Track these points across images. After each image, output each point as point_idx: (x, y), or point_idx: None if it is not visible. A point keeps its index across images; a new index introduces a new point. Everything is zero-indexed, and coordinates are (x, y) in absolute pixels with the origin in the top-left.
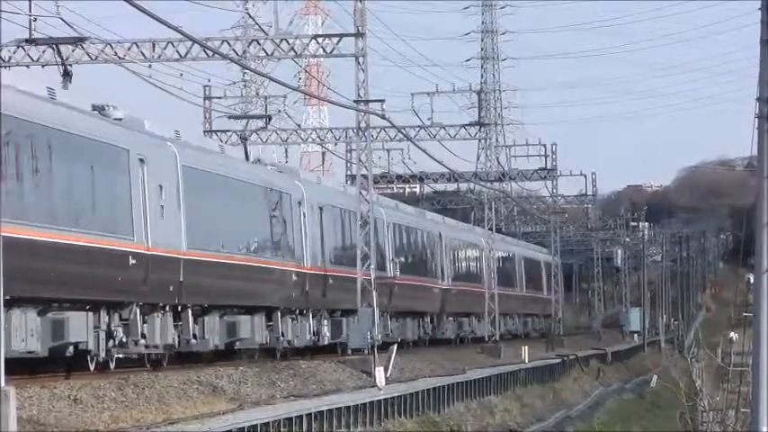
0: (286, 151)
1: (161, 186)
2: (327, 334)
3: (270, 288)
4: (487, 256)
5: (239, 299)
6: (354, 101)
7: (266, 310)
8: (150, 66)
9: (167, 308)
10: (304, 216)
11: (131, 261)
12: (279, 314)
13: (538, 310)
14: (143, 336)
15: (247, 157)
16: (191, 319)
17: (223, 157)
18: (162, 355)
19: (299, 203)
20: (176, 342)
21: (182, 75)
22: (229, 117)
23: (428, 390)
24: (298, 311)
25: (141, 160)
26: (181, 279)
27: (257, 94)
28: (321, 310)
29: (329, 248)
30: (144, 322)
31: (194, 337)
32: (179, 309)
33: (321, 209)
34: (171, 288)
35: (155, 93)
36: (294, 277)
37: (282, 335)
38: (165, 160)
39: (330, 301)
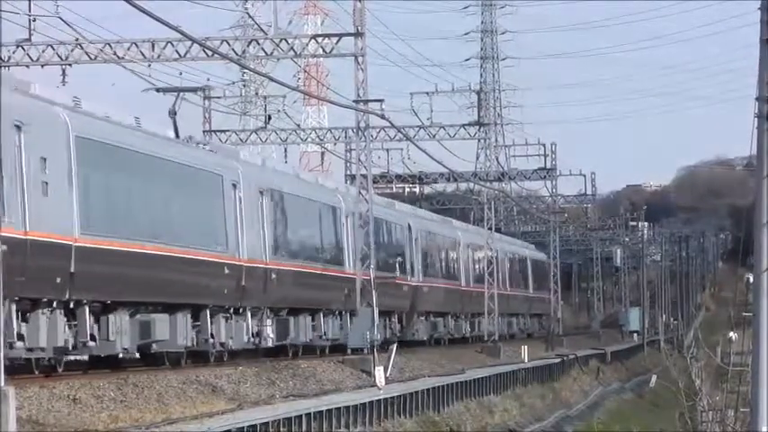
0: (285, 151)
1: (44, 159)
2: (271, 335)
3: (195, 282)
4: (465, 250)
5: (154, 294)
6: (354, 101)
7: (192, 308)
8: (149, 65)
9: (55, 304)
10: (240, 201)
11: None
12: (208, 312)
13: (524, 309)
14: (20, 337)
15: (177, 135)
16: (87, 317)
17: (136, 131)
18: (57, 361)
19: (235, 186)
20: (70, 344)
21: (181, 74)
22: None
23: (428, 389)
24: (233, 310)
25: (17, 127)
26: (72, 269)
27: (256, 93)
28: (263, 308)
29: (273, 239)
30: (23, 321)
31: (93, 338)
32: (71, 305)
33: (262, 193)
34: (58, 280)
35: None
36: (226, 270)
37: (213, 336)
38: (51, 129)
39: (273, 298)
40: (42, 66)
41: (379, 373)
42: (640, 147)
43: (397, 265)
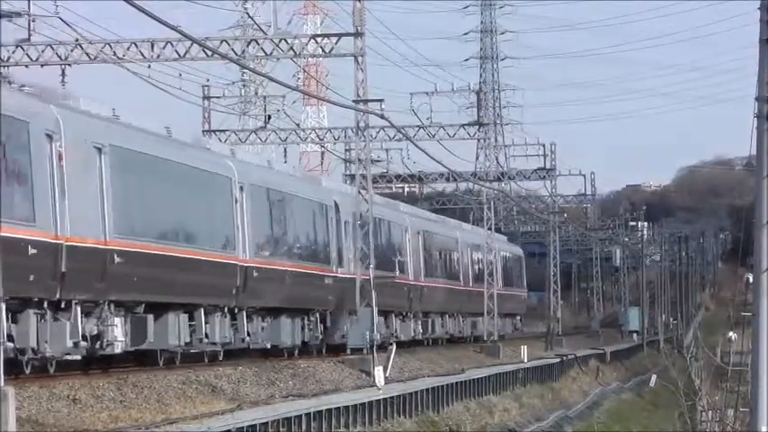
0: (285, 151)
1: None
2: (120, 339)
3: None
4: (414, 239)
5: None
6: (353, 101)
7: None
8: (149, 66)
9: None
10: (56, 157)
11: None
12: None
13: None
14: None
15: None
16: None
17: None
18: None
19: (50, 138)
20: None
21: (180, 75)
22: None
23: (427, 389)
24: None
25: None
26: None
27: (256, 93)
28: (102, 302)
29: (117, 209)
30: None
31: None
32: None
33: (100, 151)
34: None
35: (154, 93)
36: (33, 251)
37: (10, 339)
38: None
39: (118, 289)
40: (42, 66)
41: (379, 373)
42: (640, 147)
43: (329, 259)
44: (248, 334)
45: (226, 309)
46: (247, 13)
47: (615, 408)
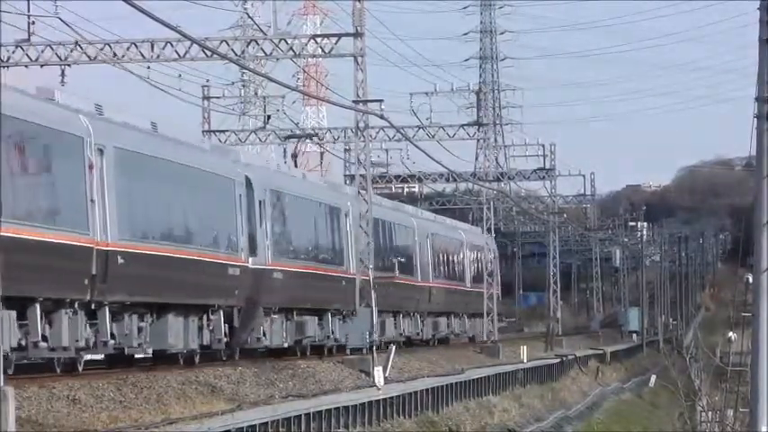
0: (285, 151)
1: None
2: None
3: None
4: (356, 228)
5: None
6: (353, 101)
7: None
8: (149, 66)
9: None
10: None
11: None
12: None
13: (459, 307)
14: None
15: None
16: None
17: None
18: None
19: None
20: None
21: (180, 75)
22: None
23: (427, 389)
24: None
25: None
26: None
27: (256, 94)
28: None
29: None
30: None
31: None
32: None
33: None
34: None
35: (153, 93)
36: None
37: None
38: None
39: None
40: (41, 66)
41: (378, 374)
42: (640, 147)
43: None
44: (112, 336)
45: (77, 304)
46: (247, 14)
47: (615, 408)
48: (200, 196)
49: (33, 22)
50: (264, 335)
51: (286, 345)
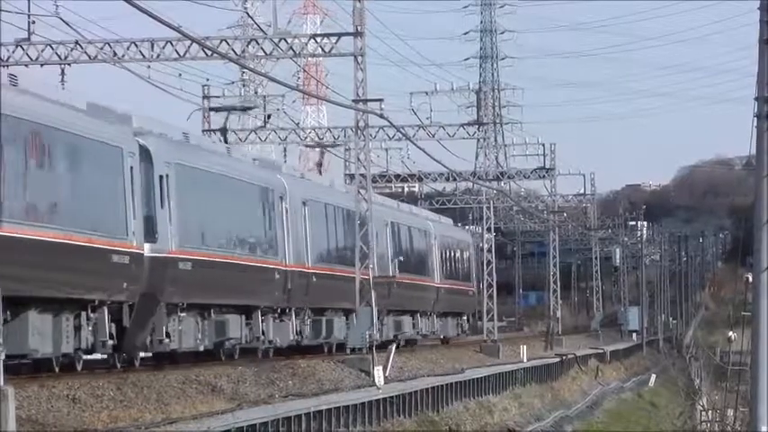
0: (285, 150)
1: None
2: None
3: None
4: (297, 213)
5: None
6: (353, 100)
7: None
8: (149, 65)
9: None
10: None
11: None
12: None
13: (425, 305)
14: None
15: None
16: None
17: None
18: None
19: None
20: None
21: (180, 75)
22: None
23: (427, 389)
24: None
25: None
26: None
27: (256, 93)
28: None
29: None
30: None
31: None
32: None
33: None
34: None
35: (153, 92)
36: None
37: None
38: None
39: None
40: (42, 65)
41: (378, 373)
42: (640, 147)
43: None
44: None
45: None
46: (247, 13)
47: (615, 407)
48: (81, 169)
49: (34, 22)
50: (169, 336)
51: (202, 348)
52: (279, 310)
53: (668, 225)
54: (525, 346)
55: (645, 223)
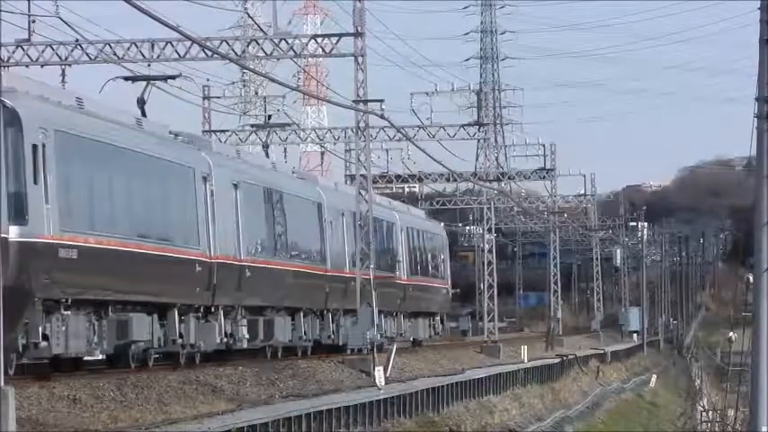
0: (285, 151)
1: None
2: None
3: None
4: (225, 196)
5: None
6: (353, 101)
7: None
8: (149, 66)
9: None
10: None
11: None
12: None
13: (389, 304)
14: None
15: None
16: None
17: None
18: None
19: None
20: None
21: (180, 75)
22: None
23: (427, 389)
24: None
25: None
26: None
27: (256, 93)
28: None
29: None
30: None
31: None
32: None
33: None
34: None
35: (153, 93)
36: None
37: None
38: None
39: None
40: (42, 66)
41: (379, 374)
42: (640, 147)
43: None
44: None
45: None
46: (247, 14)
47: (615, 408)
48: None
49: (34, 21)
50: (47, 339)
51: (100, 354)
52: (202, 309)
53: (668, 226)
54: (526, 347)
55: (645, 224)
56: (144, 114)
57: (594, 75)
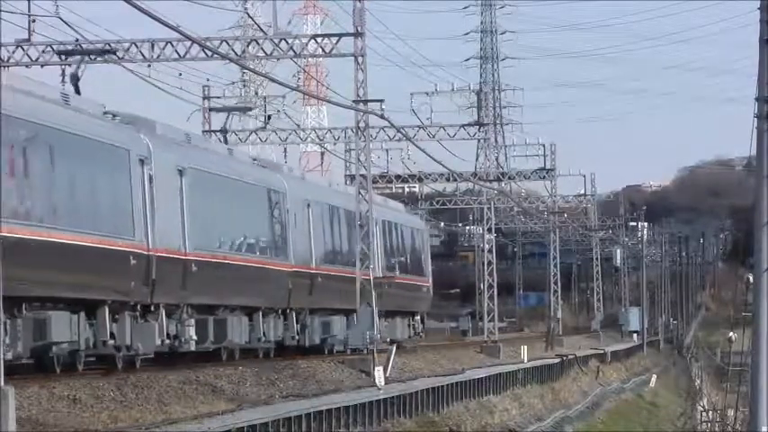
0: (285, 151)
1: None
2: None
3: None
4: (174, 183)
5: None
6: (353, 101)
7: None
8: (149, 66)
9: None
10: None
11: None
12: None
13: (349, 302)
14: None
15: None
16: None
17: None
18: None
19: None
20: None
21: (180, 75)
22: (211, 109)
23: (427, 389)
24: None
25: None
26: None
27: (256, 93)
28: None
29: None
30: None
31: None
32: None
33: None
34: None
35: (154, 93)
36: None
37: None
38: None
39: None
40: (42, 66)
41: (379, 374)
42: (640, 147)
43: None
44: None
45: None
46: (247, 14)
47: (615, 408)
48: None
49: (34, 20)
50: None
51: (10, 354)
52: (139, 308)
53: (669, 226)
54: (526, 347)
55: (645, 224)
56: (78, 92)
57: (594, 75)
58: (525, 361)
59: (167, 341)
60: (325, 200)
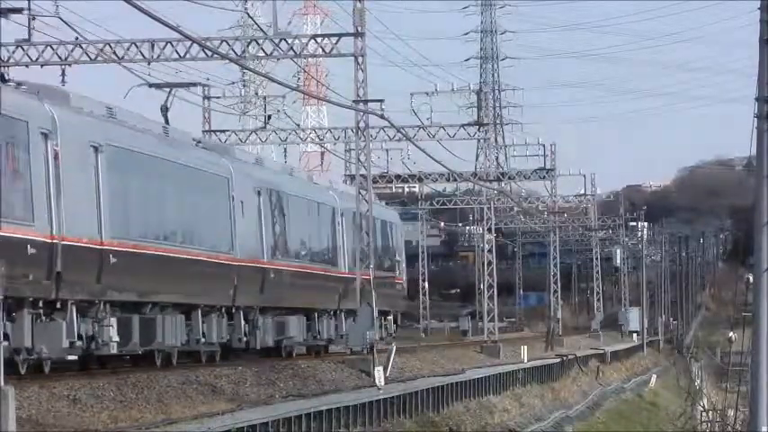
0: (285, 151)
1: None
2: None
3: None
4: (88, 162)
5: None
6: (353, 101)
7: None
8: (149, 65)
9: None
10: None
11: None
12: None
13: (326, 302)
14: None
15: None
16: None
17: None
18: None
19: None
20: None
21: (178, 74)
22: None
23: (427, 389)
24: None
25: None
26: None
27: (256, 93)
28: None
29: None
30: None
31: None
32: None
33: None
34: None
35: (154, 93)
36: None
37: None
38: None
39: None
40: (42, 66)
41: (379, 374)
42: (640, 147)
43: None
44: None
45: None
46: (247, 14)
47: (615, 408)
48: None
49: (34, 18)
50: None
51: None
52: (41, 304)
53: (669, 226)
54: (526, 347)
55: (645, 224)
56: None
57: (594, 75)
58: (525, 361)
59: (79, 343)
60: (286, 189)
